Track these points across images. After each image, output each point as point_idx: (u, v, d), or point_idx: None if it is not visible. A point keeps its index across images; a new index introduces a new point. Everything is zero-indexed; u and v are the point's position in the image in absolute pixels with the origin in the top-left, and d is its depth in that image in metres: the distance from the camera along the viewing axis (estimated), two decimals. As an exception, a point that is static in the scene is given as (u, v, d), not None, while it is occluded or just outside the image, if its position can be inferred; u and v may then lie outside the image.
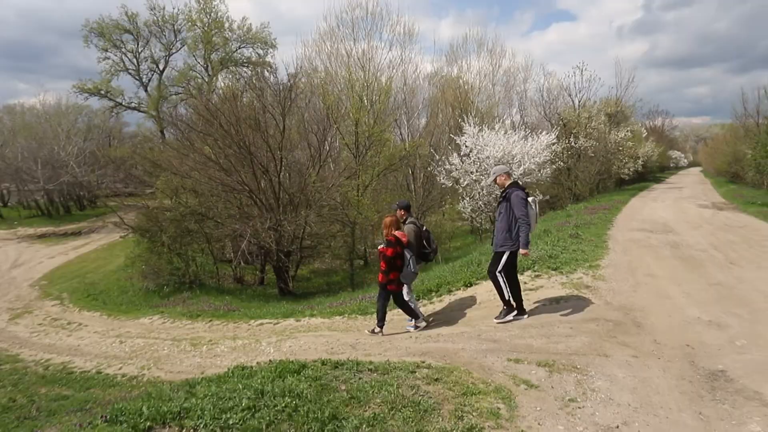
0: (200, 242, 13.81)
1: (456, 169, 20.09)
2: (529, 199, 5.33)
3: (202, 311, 9.75)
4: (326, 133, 14.59)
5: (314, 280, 16.89)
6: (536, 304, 6.53)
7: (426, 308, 7.72)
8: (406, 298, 6.29)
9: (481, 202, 20.01)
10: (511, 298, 5.64)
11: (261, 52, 37.15)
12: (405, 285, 6.17)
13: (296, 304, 12.18)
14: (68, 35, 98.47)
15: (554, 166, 21.50)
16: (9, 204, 35.34)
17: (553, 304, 6.48)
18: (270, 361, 5.22)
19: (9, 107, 37.89)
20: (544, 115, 27.83)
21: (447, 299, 7.90)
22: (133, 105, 36.76)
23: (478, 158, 19.61)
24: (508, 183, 5.51)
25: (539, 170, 19.91)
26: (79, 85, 33.46)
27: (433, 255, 6.48)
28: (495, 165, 5.84)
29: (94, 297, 12.53)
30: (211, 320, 9.04)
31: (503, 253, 5.43)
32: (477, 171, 19.73)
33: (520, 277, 7.68)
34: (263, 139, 13.63)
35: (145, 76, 37.17)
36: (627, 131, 28.94)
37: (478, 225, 20.53)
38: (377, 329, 6.21)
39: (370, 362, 4.60)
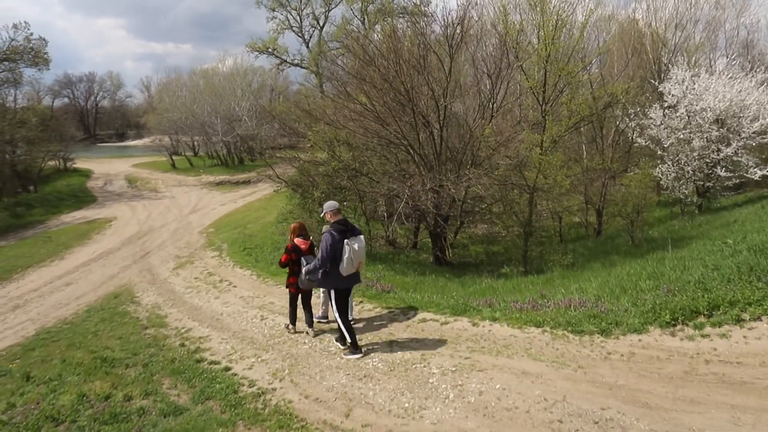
0: (353, 200, 12.43)
1: (655, 126, 15.50)
2: (347, 240, 5.08)
3: (352, 286, 8.16)
4: (503, 73, 11.55)
5: (471, 248, 14.55)
6: None
7: (698, 344, 4.61)
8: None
9: (689, 168, 15.13)
10: (349, 336, 5.30)
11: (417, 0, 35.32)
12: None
13: (458, 282, 9.96)
14: (247, 5, 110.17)
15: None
16: (198, 154, 40.39)
17: None
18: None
19: (202, 70, 42.59)
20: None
21: (737, 335, 4.58)
22: (296, 62, 38.59)
23: (689, 111, 14.76)
24: (333, 221, 5.25)
25: (781, 127, 14.31)
26: (250, 44, 35.90)
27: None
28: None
29: (249, 251, 12.15)
30: (360, 302, 7.38)
31: (329, 292, 5.39)
32: (687, 128, 14.89)
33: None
34: (426, 83, 11.38)
35: (306, 33, 38.44)
36: None
37: (683, 197, 15.70)
38: (291, 326, 6.27)
39: None
